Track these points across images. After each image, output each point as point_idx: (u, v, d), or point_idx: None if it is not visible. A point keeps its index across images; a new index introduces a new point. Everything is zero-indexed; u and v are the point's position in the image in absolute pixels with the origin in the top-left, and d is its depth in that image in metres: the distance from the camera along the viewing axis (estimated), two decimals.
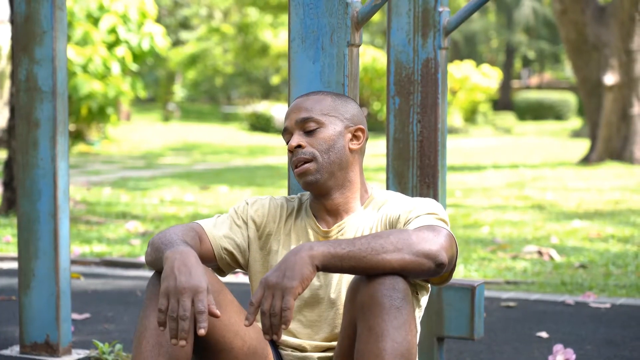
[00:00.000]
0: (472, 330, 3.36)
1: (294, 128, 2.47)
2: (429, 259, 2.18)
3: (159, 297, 2.20)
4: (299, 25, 2.86)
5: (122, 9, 17.75)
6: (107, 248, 6.89)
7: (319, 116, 2.45)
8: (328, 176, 2.44)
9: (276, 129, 26.71)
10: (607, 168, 14.98)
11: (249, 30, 32.50)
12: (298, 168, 2.44)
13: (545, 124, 32.32)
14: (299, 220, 2.52)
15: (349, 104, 2.52)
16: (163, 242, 2.29)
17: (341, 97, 2.53)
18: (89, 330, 4.40)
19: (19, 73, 3.74)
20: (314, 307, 2.44)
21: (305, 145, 2.44)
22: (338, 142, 2.45)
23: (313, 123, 2.45)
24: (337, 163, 2.45)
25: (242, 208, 2.54)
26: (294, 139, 2.45)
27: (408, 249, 2.17)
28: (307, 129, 2.45)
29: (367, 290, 2.17)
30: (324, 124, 2.45)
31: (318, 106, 2.47)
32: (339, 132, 2.46)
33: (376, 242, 2.17)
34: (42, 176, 3.71)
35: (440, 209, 2.37)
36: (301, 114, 2.46)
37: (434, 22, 3.33)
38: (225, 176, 14.18)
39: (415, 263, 2.17)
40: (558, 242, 7.28)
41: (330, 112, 2.47)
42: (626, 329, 4.49)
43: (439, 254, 2.19)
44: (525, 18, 38.01)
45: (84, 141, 20.05)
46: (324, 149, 2.43)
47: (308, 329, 2.45)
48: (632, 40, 15.58)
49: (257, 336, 2.42)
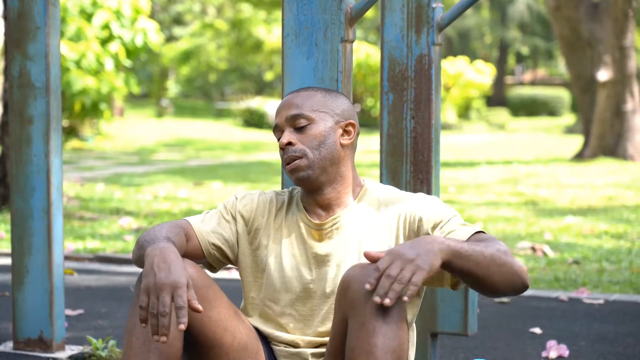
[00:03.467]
0: (466, 327, 3.36)
1: (284, 125, 2.47)
2: (522, 280, 2.23)
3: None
4: (293, 21, 2.86)
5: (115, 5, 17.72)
6: (100, 244, 6.89)
7: (309, 112, 2.45)
8: (320, 172, 2.44)
9: (270, 125, 26.69)
10: (600, 164, 15.01)
11: (242, 26, 32.48)
12: (289, 165, 2.44)
13: (538, 120, 32.35)
14: (289, 214, 2.52)
15: (339, 99, 2.52)
16: (146, 240, 2.30)
17: (331, 93, 2.52)
18: (83, 326, 4.40)
19: (12, 69, 3.73)
20: (307, 301, 2.44)
21: (295, 143, 2.43)
22: (329, 138, 2.45)
23: (303, 120, 2.44)
24: (329, 159, 2.44)
25: (231, 203, 2.54)
26: (284, 137, 2.44)
27: (519, 277, 2.21)
28: (297, 126, 2.44)
29: (359, 286, 2.17)
30: (314, 120, 2.44)
31: (308, 102, 2.46)
32: (330, 127, 2.45)
33: (487, 252, 2.18)
34: (36, 172, 3.70)
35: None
36: (291, 111, 2.45)
37: (427, 18, 3.32)
38: (219, 172, 14.18)
39: (511, 287, 2.22)
40: (551, 238, 7.29)
41: (320, 108, 2.46)
42: (620, 325, 4.50)
43: (528, 281, 2.25)
44: (519, 14, 38.04)
45: (77, 137, 20.03)
46: (314, 145, 2.43)
47: (301, 324, 2.45)
48: (625, 37, 15.60)
49: (248, 332, 2.41)
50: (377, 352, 2.13)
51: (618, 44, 15.64)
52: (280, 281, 2.45)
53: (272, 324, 2.48)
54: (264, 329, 2.49)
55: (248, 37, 32.46)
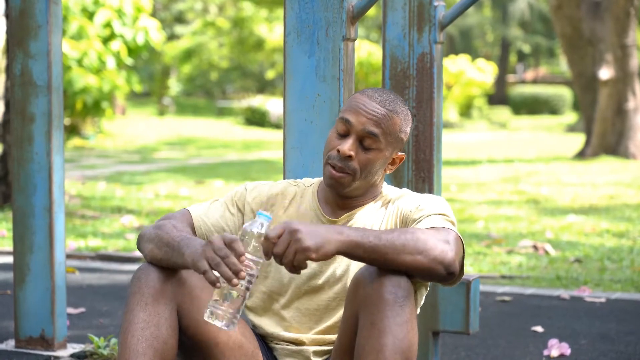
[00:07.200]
0: (467, 325, 3.36)
1: (356, 132, 2.40)
2: (443, 267, 2.20)
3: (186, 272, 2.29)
4: (295, 19, 2.86)
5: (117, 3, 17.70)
6: (102, 242, 6.89)
7: (382, 138, 2.40)
8: (354, 188, 2.44)
9: (271, 123, 26.69)
10: (602, 163, 15.00)
11: (244, 24, 32.47)
12: (335, 173, 2.41)
13: (540, 119, 32.34)
14: (303, 207, 2.50)
15: (409, 125, 2.49)
16: (174, 239, 2.30)
17: (408, 115, 2.47)
18: (84, 324, 4.40)
19: (14, 67, 3.73)
20: (313, 297, 2.44)
21: (354, 158, 2.40)
22: (380, 167, 2.45)
23: (374, 143, 2.40)
24: (369, 181, 2.45)
25: (239, 194, 2.53)
26: (349, 146, 2.39)
27: (426, 254, 2.19)
28: (365, 144, 2.41)
29: (372, 285, 2.18)
30: (381, 149, 2.42)
31: (388, 124, 2.41)
32: (387, 158, 2.45)
33: (399, 242, 2.18)
34: (37, 170, 3.70)
35: (449, 210, 2.39)
36: (370, 127, 2.39)
37: (429, 16, 3.32)
38: (220, 170, 14.18)
39: (429, 268, 2.20)
40: (553, 237, 7.29)
41: (392, 136, 2.43)
42: (621, 324, 4.50)
43: (453, 264, 2.22)
44: (520, 13, 38.02)
45: (79, 135, 20.02)
46: (366, 169, 2.41)
47: (305, 318, 2.45)
48: (627, 35, 15.60)
49: (243, 331, 2.41)
50: (386, 352, 2.14)
51: (619, 42, 15.63)
52: (288, 274, 2.45)
53: (276, 319, 2.48)
54: (265, 327, 2.49)
55: (250, 36, 32.44)
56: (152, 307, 2.27)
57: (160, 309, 2.28)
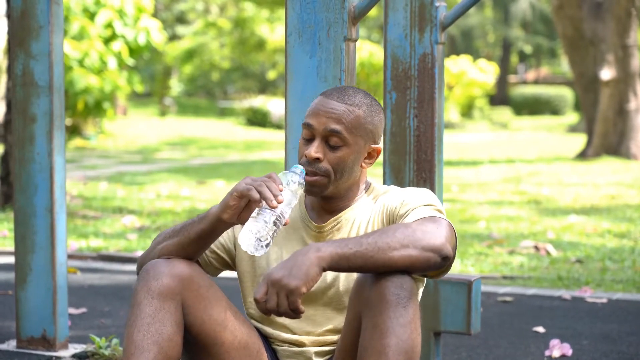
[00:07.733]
0: (469, 325, 3.36)
1: (319, 133, 2.39)
2: (435, 253, 2.19)
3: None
4: (296, 19, 2.86)
5: (118, 4, 17.71)
6: (103, 243, 6.89)
7: (347, 134, 2.38)
8: (333, 188, 2.43)
9: (273, 123, 26.68)
10: (603, 163, 14.99)
11: (245, 24, 32.46)
12: (309, 177, 2.39)
13: (541, 119, 32.32)
14: (292, 215, 2.50)
15: (377, 116, 2.45)
16: (187, 221, 2.39)
17: (373, 106, 2.44)
18: (86, 324, 4.40)
19: (16, 68, 3.74)
20: (309, 303, 2.44)
21: (322, 160, 2.39)
22: (355, 164, 2.42)
23: (339, 140, 2.38)
24: (346, 180, 2.44)
25: None
26: (315, 149, 2.38)
27: (414, 245, 2.18)
28: (330, 143, 2.39)
29: (375, 286, 2.18)
30: (349, 145, 2.39)
31: (350, 118, 2.38)
32: (359, 152, 2.42)
33: (382, 241, 2.17)
34: (39, 171, 3.70)
35: (435, 199, 2.38)
36: (331, 125, 2.38)
37: (430, 16, 3.32)
38: (222, 171, 14.18)
39: (423, 259, 2.18)
40: (554, 237, 7.29)
41: (358, 130, 2.40)
42: (623, 324, 4.50)
43: (444, 247, 2.20)
44: (522, 13, 38.02)
45: (80, 136, 20.02)
46: (339, 168, 2.39)
47: (304, 323, 2.45)
48: (628, 36, 15.59)
49: (248, 331, 2.41)
50: (389, 353, 2.14)
51: (621, 42, 15.62)
52: None
53: (275, 325, 2.48)
54: (266, 330, 2.49)
55: (251, 36, 32.44)
56: (158, 302, 2.28)
57: (166, 304, 2.28)
